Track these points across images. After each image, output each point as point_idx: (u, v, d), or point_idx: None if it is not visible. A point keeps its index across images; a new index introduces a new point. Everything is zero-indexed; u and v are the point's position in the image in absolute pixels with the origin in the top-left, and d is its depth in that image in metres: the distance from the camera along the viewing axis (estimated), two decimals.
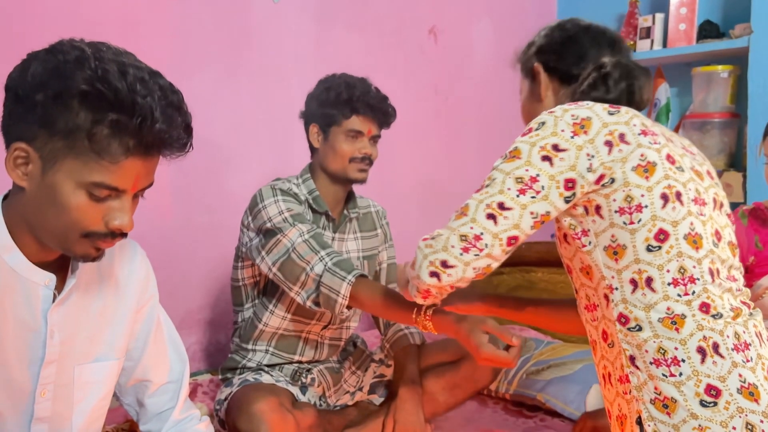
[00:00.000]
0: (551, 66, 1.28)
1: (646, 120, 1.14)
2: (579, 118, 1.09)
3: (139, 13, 2.06)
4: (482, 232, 1.06)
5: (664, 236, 1.04)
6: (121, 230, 0.96)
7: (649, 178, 1.05)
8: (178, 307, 2.24)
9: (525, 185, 1.07)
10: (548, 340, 2.22)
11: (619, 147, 1.07)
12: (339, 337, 1.89)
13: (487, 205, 1.07)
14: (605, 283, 1.08)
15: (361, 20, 2.58)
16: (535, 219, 1.07)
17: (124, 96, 0.89)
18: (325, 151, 1.79)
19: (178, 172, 2.18)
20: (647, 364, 1.03)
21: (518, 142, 1.12)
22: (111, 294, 1.12)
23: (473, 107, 2.95)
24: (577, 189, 1.07)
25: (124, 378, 1.19)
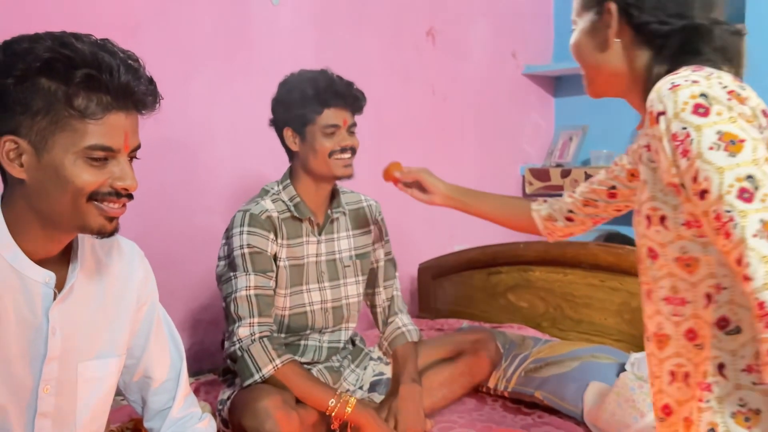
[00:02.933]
0: (631, 13, 1.06)
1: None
2: (727, 87, 0.93)
3: (139, 15, 2.08)
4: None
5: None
6: (126, 190, 1.00)
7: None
8: (180, 306, 2.25)
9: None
10: (546, 339, 2.23)
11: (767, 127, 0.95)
12: (338, 339, 1.90)
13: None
14: (713, 282, 0.99)
15: (358, 22, 2.60)
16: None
17: (86, 55, 0.93)
18: (305, 152, 1.76)
19: (178, 172, 2.21)
20: (737, 372, 0.96)
21: (716, 125, 0.90)
22: (111, 292, 1.14)
23: (471, 108, 2.97)
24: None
25: (128, 375, 1.22)
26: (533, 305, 2.45)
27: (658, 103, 0.94)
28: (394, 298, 2.00)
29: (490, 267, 2.56)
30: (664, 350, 1.08)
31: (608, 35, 1.08)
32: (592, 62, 1.12)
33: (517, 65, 3.08)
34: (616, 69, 1.10)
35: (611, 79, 1.12)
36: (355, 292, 1.91)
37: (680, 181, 0.94)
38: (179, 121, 2.19)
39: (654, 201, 1.03)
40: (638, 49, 1.07)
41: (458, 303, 2.66)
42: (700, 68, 0.97)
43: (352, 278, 1.90)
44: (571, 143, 3.08)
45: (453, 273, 2.68)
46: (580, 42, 1.14)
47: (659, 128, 0.94)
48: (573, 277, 2.32)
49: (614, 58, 1.09)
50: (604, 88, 1.15)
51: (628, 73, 1.09)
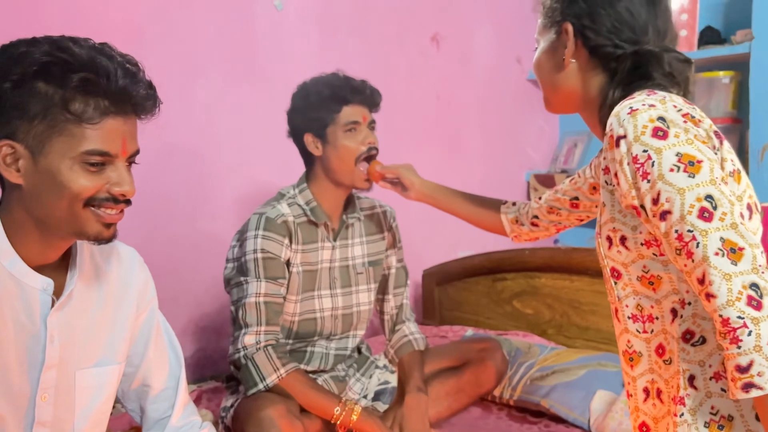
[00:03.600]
0: (587, 36, 1.09)
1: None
2: (681, 110, 0.97)
3: (143, 20, 2.08)
4: (762, 250, 0.90)
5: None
6: (124, 195, 0.98)
7: (738, 185, 0.98)
8: (182, 313, 2.24)
9: (727, 179, 0.96)
10: (552, 346, 2.21)
11: (724, 143, 0.99)
12: (345, 347, 1.88)
13: (741, 224, 0.90)
14: (676, 297, 1.01)
15: (363, 27, 2.59)
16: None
17: (84, 59, 0.92)
18: (328, 155, 1.74)
19: (182, 178, 2.20)
20: (707, 381, 0.98)
21: (675, 147, 0.92)
22: (110, 299, 1.12)
23: (475, 113, 2.96)
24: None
25: (126, 384, 1.20)
26: (539, 312, 2.43)
27: (619, 128, 0.97)
28: (403, 306, 1.98)
29: (496, 273, 2.54)
30: (636, 368, 1.10)
31: (565, 55, 1.11)
32: (549, 80, 1.16)
33: (522, 70, 3.07)
34: (571, 88, 1.14)
35: (567, 98, 1.16)
36: (367, 300, 1.89)
37: (640, 203, 0.96)
38: (183, 127, 2.18)
39: (614, 222, 1.05)
40: (592, 70, 1.11)
41: (463, 310, 2.64)
42: (653, 92, 1.00)
43: (364, 285, 1.88)
44: (575, 149, 3.07)
45: (457, 279, 2.66)
46: (539, 60, 1.18)
47: (620, 151, 0.96)
48: (580, 284, 2.30)
49: (570, 78, 1.13)
50: (561, 106, 1.20)
51: (582, 93, 1.13)
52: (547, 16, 1.15)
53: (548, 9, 1.15)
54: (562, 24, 1.11)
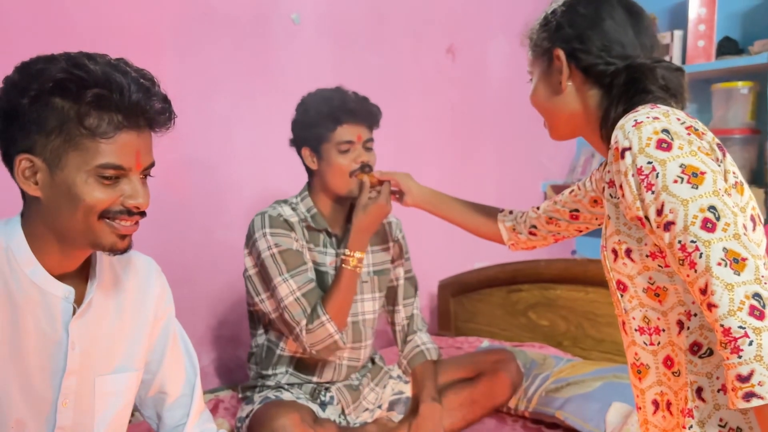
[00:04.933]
0: (578, 57, 1.13)
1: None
2: (684, 123, 0.98)
3: (162, 36, 2.12)
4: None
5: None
6: (138, 208, 1.01)
7: (741, 197, 0.99)
8: (199, 322, 2.26)
9: (730, 191, 0.97)
10: (568, 358, 2.20)
11: (726, 156, 1.00)
12: (357, 357, 1.88)
13: (745, 235, 0.91)
14: (682, 309, 1.02)
15: (378, 40, 2.61)
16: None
17: (98, 75, 0.95)
18: (322, 170, 1.78)
19: (199, 189, 2.23)
20: (715, 393, 0.98)
21: (679, 159, 0.93)
22: (128, 307, 1.15)
23: (491, 124, 2.97)
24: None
25: (143, 391, 1.22)
26: (554, 324, 2.42)
27: (624, 140, 0.98)
28: (414, 316, 1.99)
29: (511, 285, 2.54)
30: (644, 380, 1.10)
31: (561, 79, 1.14)
32: (549, 107, 1.18)
33: None
34: (571, 111, 1.16)
35: (569, 121, 1.18)
36: (371, 309, 1.90)
37: (644, 214, 0.97)
38: (200, 139, 2.22)
39: (619, 235, 1.06)
40: (589, 90, 1.14)
41: (478, 321, 2.64)
42: (655, 106, 1.02)
43: (368, 294, 1.89)
44: (593, 159, 3.06)
45: (473, 290, 2.66)
46: (536, 90, 1.20)
47: (625, 163, 0.98)
48: (595, 295, 2.29)
49: (569, 101, 1.15)
50: (565, 131, 1.21)
51: (583, 113, 1.15)
52: (537, 47, 1.19)
53: (536, 40, 1.19)
54: (553, 51, 1.15)
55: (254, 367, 1.89)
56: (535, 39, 1.20)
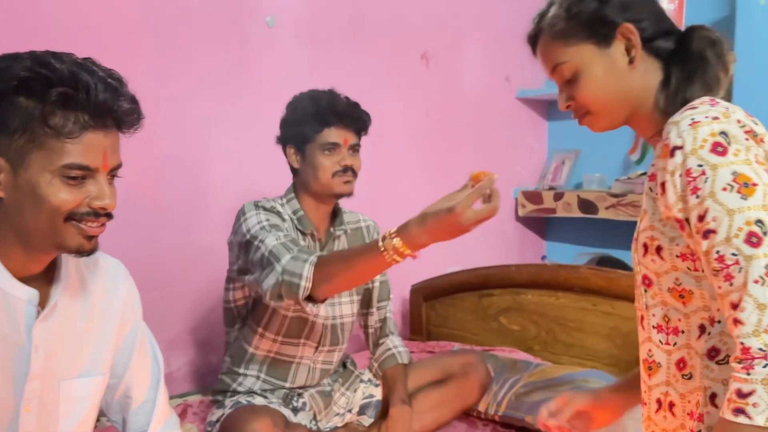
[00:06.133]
0: (642, 27, 1.04)
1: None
2: (744, 125, 0.94)
3: (137, 36, 2.10)
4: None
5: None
6: (104, 209, 0.99)
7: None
8: (171, 327, 2.24)
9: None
10: (538, 362, 2.22)
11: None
12: (330, 361, 1.88)
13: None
14: (706, 314, 0.99)
15: (354, 43, 2.62)
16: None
17: (64, 73, 0.93)
18: (305, 170, 1.77)
19: (175, 191, 2.21)
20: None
21: (732, 166, 0.89)
22: (95, 311, 1.13)
23: (465, 130, 2.99)
24: None
25: (109, 395, 1.20)
26: (525, 328, 2.44)
27: (677, 138, 0.93)
28: (387, 319, 1.99)
29: (482, 289, 2.55)
30: (653, 378, 1.08)
31: (632, 56, 1.05)
32: (614, 93, 1.07)
33: (511, 89, 3.11)
34: (636, 91, 1.07)
35: (630, 105, 1.08)
36: (350, 312, 1.90)
37: (685, 216, 0.94)
38: (177, 141, 2.20)
39: (652, 230, 1.03)
40: (651, 63, 1.06)
41: (450, 325, 2.66)
42: (715, 102, 0.96)
43: (346, 297, 1.89)
44: (563, 166, 3.10)
45: (444, 295, 2.68)
46: (594, 78, 1.06)
47: (674, 161, 0.93)
48: (565, 300, 2.32)
49: (636, 80, 1.06)
50: (620, 117, 1.10)
51: (643, 92, 1.07)
52: (590, 33, 1.06)
53: (588, 24, 1.06)
54: (618, 28, 1.04)
55: (227, 360, 1.86)
56: (575, 23, 1.07)
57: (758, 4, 2.35)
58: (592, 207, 2.78)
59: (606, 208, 2.72)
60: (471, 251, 2.92)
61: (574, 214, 2.85)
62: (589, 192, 2.82)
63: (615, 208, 2.68)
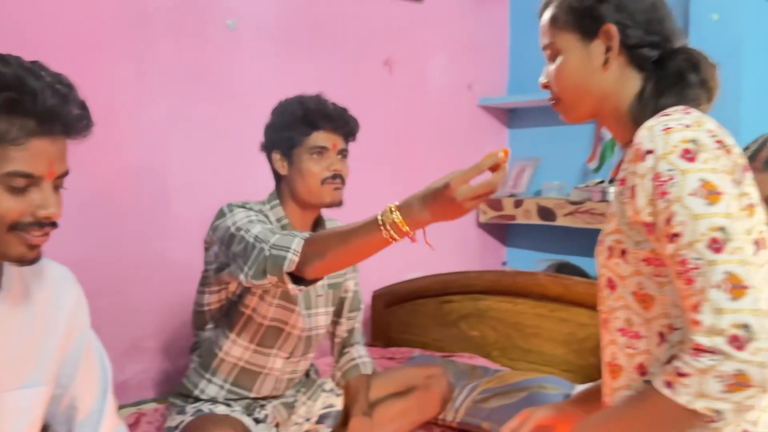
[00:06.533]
0: (628, 35, 1.06)
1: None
2: (716, 137, 0.95)
3: (93, 38, 2.06)
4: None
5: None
6: (49, 218, 0.95)
7: (749, 219, 0.96)
8: (126, 334, 2.20)
9: (748, 214, 0.95)
10: (496, 368, 2.24)
11: (745, 176, 0.98)
12: (296, 370, 1.86)
13: (749, 273, 0.88)
14: (665, 321, 1.00)
15: (317, 49, 2.61)
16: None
17: (9, 77, 0.90)
18: (292, 176, 1.72)
19: (129, 196, 2.17)
20: None
21: (700, 173, 0.91)
22: (39, 319, 1.10)
23: (427, 137, 3.00)
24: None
25: (54, 406, 1.17)
26: (484, 334, 2.46)
27: (649, 142, 0.95)
28: (354, 329, 1.99)
29: (443, 296, 2.57)
30: (617, 380, 1.10)
31: (608, 57, 1.07)
32: (583, 85, 1.10)
33: (473, 97, 3.13)
34: (606, 91, 1.09)
35: (598, 102, 1.11)
36: (324, 323, 1.88)
37: (653, 220, 0.95)
38: (134, 146, 2.17)
39: (619, 234, 1.04)
40: (631, 71, 1.08)
41: (411, 331, 2.66)
42: (688, 111, 0.98)
43: (322, 308, 1.87)
44: (524, 174, 3.14)
45: (406, 301, 2.68)
46: (569, 65, 1.10)
47: (645, 165, 0.95)
48: (523, 306, 2.35)
49: (609, 80, 1.08)
50: (587, 112, 1.13)
51: (616, 95, 1.09)
52: (573, 18, 1.10)
53: (573, 11, 1.10)
54: (602, 25, 1.07)
55: (196, 359, 1.80)
56: (569, 10, 1.10)
57: (710, 19, 2.42)
58: (551, 214, 2.82)
59: (564, 216, 2.76)
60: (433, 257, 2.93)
61: (534, 221, 2.89)
62: (548, 199, 2.86)
63: (573, 216, 2.72)
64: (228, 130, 2.38)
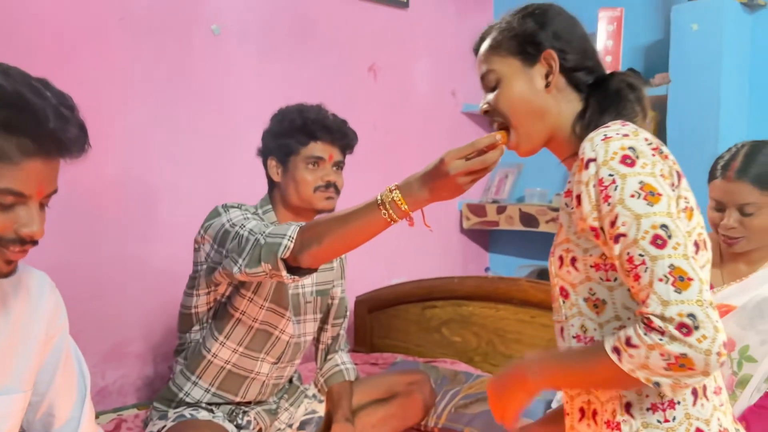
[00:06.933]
0: (566, 58, 1.11)
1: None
2: (652, 143, 1.01)
3: (77, 39, 2.04)
4: (708, 291, 0.92)
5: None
6: (32, 237, 0.94)
7: (689, 222, 1.03)
8: (107, 339, 2.18)
9: (686, 217, 1.00)
10: (477, 374, 2.25)
11: (681, 181, 1.04)
12: (282, 375, 1.85)
13: (693, 257, 0.93)
14: (617, 324, 1.03)
15: (302, 54, 2.62)
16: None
17: (12, 95, 0.87)
18: (286, 183, 1.73)
19: (111, 201, 2.15)
20: (644, 412, 1.01)
21: (639, 176, 0.96)
22: (17, 326, 1.08)
23: (411, 143, 3.02)
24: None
25: (31, 413, 1.15)
26: (466, 340, 2.47)
27: (591, 151, 1.00)
28: (339, 336, 1.99)
29: (425, 301, 2.58)
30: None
31: (549, 81, 1.11)
32: (527, 109, 1.13)
33: (456, 103, 3.16)
34: (551, 110, 1.13)
35: (546, 127, 1.13)
36: (312, 330, 1.88)
37: (600, 224, 0.99)
38: (114, 149, 2.15)
39: (568, 243, 1.08)
40: (569, 93, 1.13)
41: (393, 337, 2.67)
42: (626, 123, 1.04)
43: (311, 315, 1.87)
44: (506, 180, 3.16)
45: (389, 306, 2.69)
46: (511, 90, 1.13)
47: (588, 173, 1.00)
48: (504, 312, 2.36)
49: (550, 103, 1.12)
50: (539, 139, 1.15)
51: (558, 117, 1.13)
52: (519, 50, 1.13)
53: (521, 41, 1.13)
54: (543, 51, 1.11)
55: (182, 362, 1.79)
56: (512, 37, 1.14)
57: (691, 29, 2.45)
58: (533, 220, 2.84)
59: (546, 222, 2.78)
60: (416, 262, 2.95)
61: (516, 227, 2.91)
62: (530, 206, 2.88)
63: (555, 222, 2.74)
64: (211, 135, 2.38)
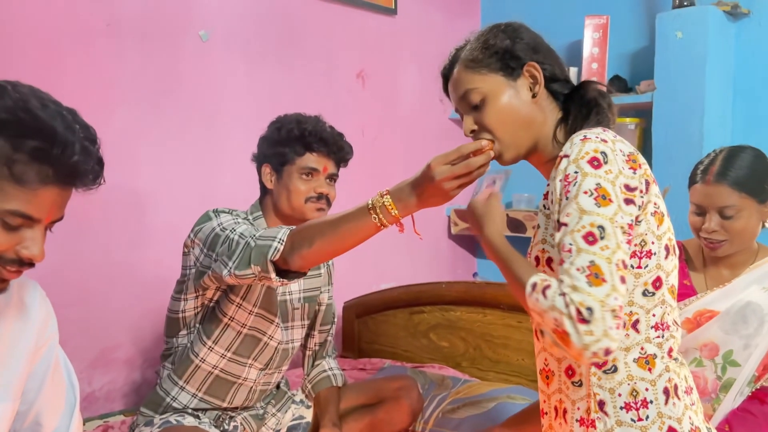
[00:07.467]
0: (546, 69, 1.16)
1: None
2: (626, 153, 1.05)
3: (64, 44, 2.04)
4: (622, 303, 0.95)
5: (659, 284, 1.07)
6: (32, 260, 0.95)
7: (659, 226, 1.06)
8: (93, 344, 2.17)
9: (628, 235, 1.00)
10: (465, 379, 2.26)
11: (650, 188, 1.07)
12: (269, 381, 1.85)
13: (616, 265, 0.96)
14: None
15: (290, 60, 2.62)
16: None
17: (44, 125, 0.89)
18: (278, 191, 1.74)
19: (98, 206, 2.15)
20: (617, 410, 1.05)
21: (599, 178, 1.00)
22: (7, 335, 1.08)
23: (399, 150, 3.03)
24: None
25: (18, 422, 1.15)
26: (454, 345, 2.48)
27: (568, 149, 1.05)
28: (326, 342, 1.99)
29: (413, 306, 2.58)
30: (550, 386, 1.16)
31: (534, 92, 1.15)
32: (522, 119, 1.15)
33: (444, 110, 3.17)
34: (537, 120, 1.16)
35: (531, 136, 1.16)
36: (300, 336, 1.88)
37: (557, 217, 1.03)
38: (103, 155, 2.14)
39: (544, 244, 1.12)
40: (550, 103, 1.18)
41: (381, 342, 2.67)
42: (606, 130, 1.08)
43: (299, 321, 1.87)
44: (494, 186, 3.17)
45: (377, 312, 2.69)
46: (506, 103, 1.14)
47: (560, 168, 1.04)
48: (492, 317, 2.37)
49: (535, 114, 1.16)
50: (523, 147, 1.17)
51: (543, 123, 1.17)
52: (501, 65, 1.15)
53: (501, 57, 1.15)
54: (525, 65, 1.14)
55: (169, 366, 1.78)
56: (491, 54, 1.16)
57: (675, 37, 2.48)
58: (520, 226, 2.86)
59: (534, 227, 2.79)
60: (405, 268, 2.95)
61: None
62: (518, 211, 2.90)
63: None
64: (198, 141, 2.38)
